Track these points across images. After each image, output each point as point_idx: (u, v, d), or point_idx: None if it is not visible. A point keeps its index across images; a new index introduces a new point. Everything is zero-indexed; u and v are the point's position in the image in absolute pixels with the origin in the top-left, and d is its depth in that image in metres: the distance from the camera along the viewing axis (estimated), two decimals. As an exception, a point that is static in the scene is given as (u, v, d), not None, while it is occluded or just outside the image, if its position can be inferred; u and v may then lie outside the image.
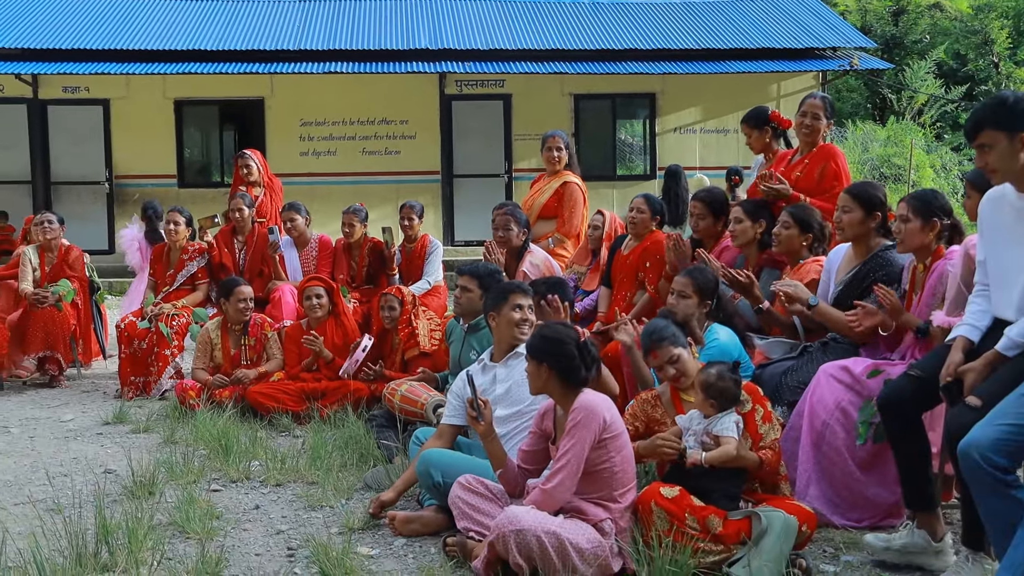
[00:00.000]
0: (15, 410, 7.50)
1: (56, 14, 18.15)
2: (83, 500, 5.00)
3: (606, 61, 16.86)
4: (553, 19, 18.60)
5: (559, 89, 17.48)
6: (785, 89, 17.80)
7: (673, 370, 4.46)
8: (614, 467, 4.06)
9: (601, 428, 4.01)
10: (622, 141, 20.45)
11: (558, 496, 3.98)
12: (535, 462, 4.33)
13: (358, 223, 8.24)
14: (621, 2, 21.16)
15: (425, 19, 18.32)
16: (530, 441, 4.36)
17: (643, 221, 6.50)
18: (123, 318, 8.09)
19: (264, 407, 6.76)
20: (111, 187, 17.05)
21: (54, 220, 8.63)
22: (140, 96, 16.99)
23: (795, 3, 20.04)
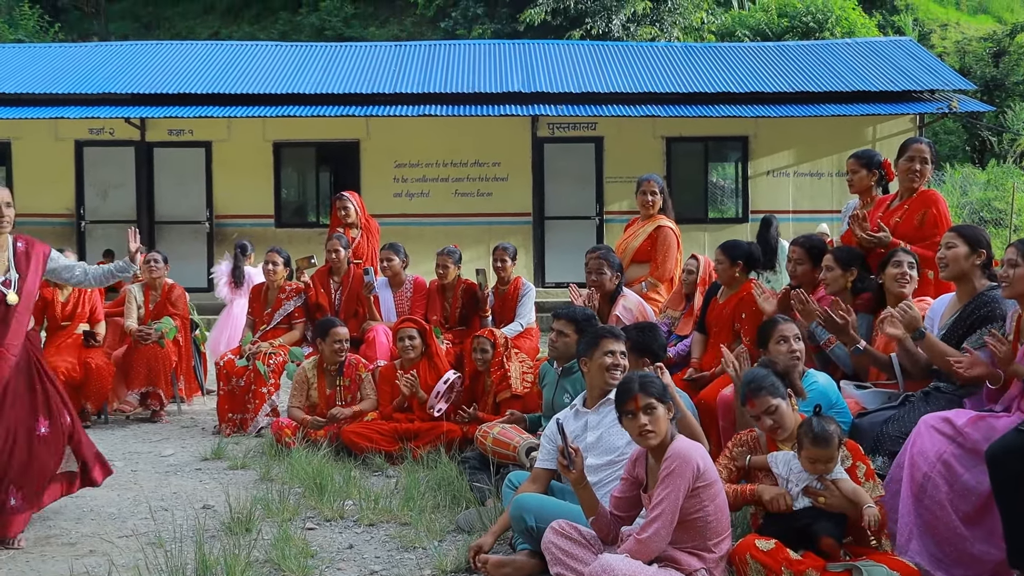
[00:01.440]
0: (119, 444, 7.71)
1: (163, 61, 18.82)
2: (183, 535, 5.12)
3: (698, 104, 16.84)
4: (645, 62, 18.67)
5: (651, 132, 17.49)
6: (881, 132, 17.55)
7: (771, 421, 4.41)
8: (708, 516, 4.02)
9: (695, 476, 3.98)
10: (714, 184, 20.36)
11: (653, 546, 3.96)
12: (627, 508, 4.30)
13: (452, 265, 8.33)
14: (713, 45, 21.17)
15: (518, 63, 18.53)
16: (622, 487, 4.34)
17: (723, 270, 6.46)
18: (222, 356, 8.29)
19: (358, 446, 6.83)
20: (211, 226, 17.51)
21: (159, 259, 8.90)
22: (241, 138, 17.47)
23: (891, 45, 19.81)
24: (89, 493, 6.16)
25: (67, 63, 18.87)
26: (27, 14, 31.23)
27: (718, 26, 28.53)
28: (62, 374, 8.08)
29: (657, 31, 26.62)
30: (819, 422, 4.21)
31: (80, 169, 17.58)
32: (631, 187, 8.02)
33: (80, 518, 5.70)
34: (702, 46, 21.25)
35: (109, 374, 8.32)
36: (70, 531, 5.46)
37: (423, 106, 16.69)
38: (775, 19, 28.74)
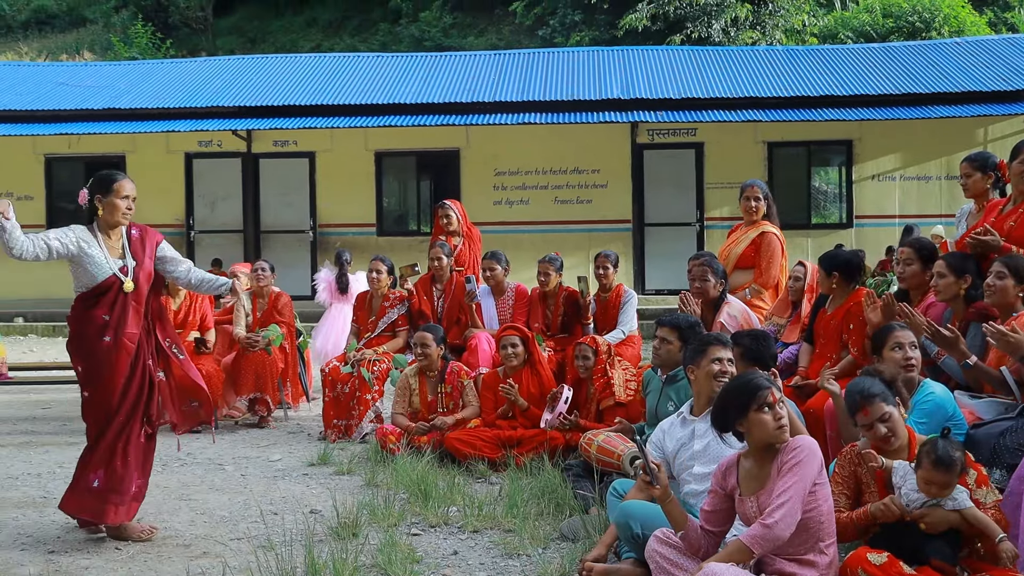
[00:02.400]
0: (228, 449, 7.89)
1: (268, 74, 19.28)
2: (292, 539, 5.20)
3: (801, 108, 16.56)
4: (746, 66, 18.46)
5: (752, 137, 17.28)
6: (992, 134, 17.06)
7: (884, 429, 4.30)
8: (820, 516, 3.95)
9: (817, 471, 3.93)
10: (817, 189, 20.02)
11: (779, 532, 3.85)
12: (719, 523, 4.22)
13: (554, 272, 8.33)
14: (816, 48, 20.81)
15: (617, 69, 18.49)
16: (712, 501, 4.24)
17: (821, 281, 6.33)
18: (327, 363, 8.42)
19: (461, 453, 6.88)
20: (315, 235, 17.84)
21: (267, 268, 9.08)
22: (343, 148, 17.78)
23: (1003, 44, 19.24)
24: (201, 496, 6.33)
25: (177, 78, 19.46)
26: (140, 32, 32.26)
27: (820, 28, 28.04)
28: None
29: (758, 35, 26.29)
30: (944, 445, 4.08)
31: (189, 180, 18.11)
32: (732, 193, 7.98)
33: (193, 520, 5.84)
34: (804, 49, 20.90)
35: (219, 380, 8.52)
36: (184, 533, 5.59)
37: (522, 114, 16.76)
38: (879, 20, 28.12)
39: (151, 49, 31.77)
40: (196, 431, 8.44)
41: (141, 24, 32.91)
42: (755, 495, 4.03)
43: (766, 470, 4.05)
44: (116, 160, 17.97)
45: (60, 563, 5.10)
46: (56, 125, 17.22)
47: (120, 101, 17.93)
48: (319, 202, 17.94)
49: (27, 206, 18.03)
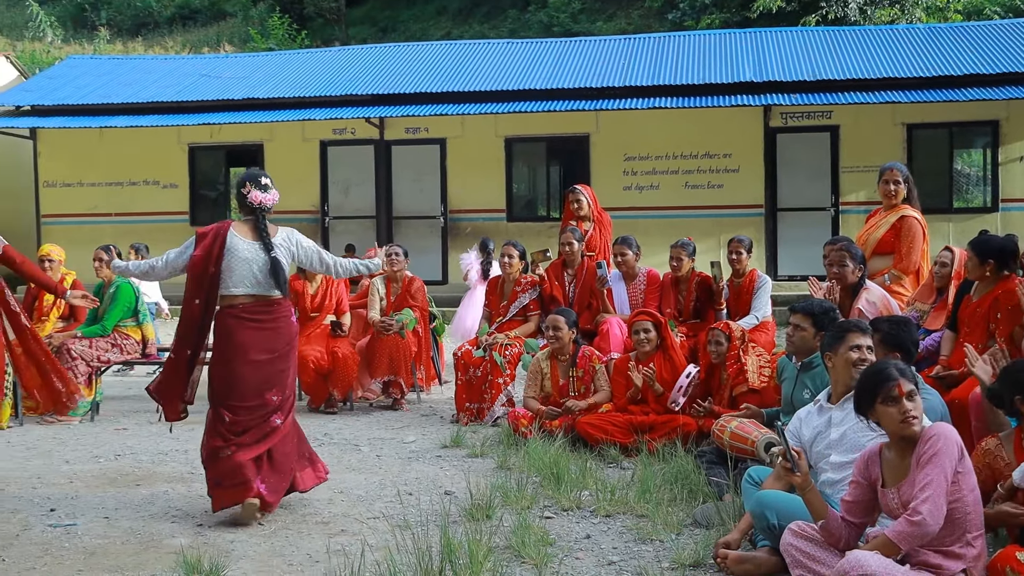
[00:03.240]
0: (364, 430, 8.07)
1: (400, 63, 19.55)
2: (427, 519, 5.30)
3: (943, 88, 15.96)
4: (884, 46, 17.88)
5: (890, 119, 16.73)
6: None
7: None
8: (966, 506, 3.83)
9: (957, 458, 3.81)
10: (959, 172, 19.30)
11: (928, 528, 3.75)
12: (860, 514, 4.12)
13: (686, 257, 8.26)
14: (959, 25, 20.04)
15: (749, 51, 18.16)
16: (854, 491, 4.15)
17: (972, 268, 6.08)
18: (460, 347, 8.53)
19: (593, 438, 6.89)
20: (445, 221, 18.04)
21: (401, 252, 9.24)
22: (474, 135, 17.90)
23: None
24: (339, 476, 6.49)
25: (313, 68, 19.91)
26: (276, 24, 33.08)
27: (964, 4, 26.95)
28: (312, 363, 8.55)
29: (897, 12, 25.45)
30: None
31: (324, 168, 18.51)
32: (868, 177, 7.77)
33: (331, 499, 6.00)
34: (947, 26, 20.15)
35: (354, 363, 8.72)
36: (322, 511, 5.75)
37: (653, 99, 16.60)
38: (1029, -7, 26.90)
39: (287, 40, 32.56)
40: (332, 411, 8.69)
41: (277, 16, 33.75)
42: (897, 487, 3.94)
43: (906, 461, 3.95)
44: (255, 148, 18.50)
45: (208, 536, 5.30)
46: (199, 115, 17.81)
47: (258, 91, 18.44)
48: (450, 188, 18.12)
49: (172, 194, 18.74)
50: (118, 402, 9.40)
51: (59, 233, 17.62)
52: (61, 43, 34.36)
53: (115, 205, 18.79)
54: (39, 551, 5.06)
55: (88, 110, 18.56)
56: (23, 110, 18.97)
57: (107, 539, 5.27)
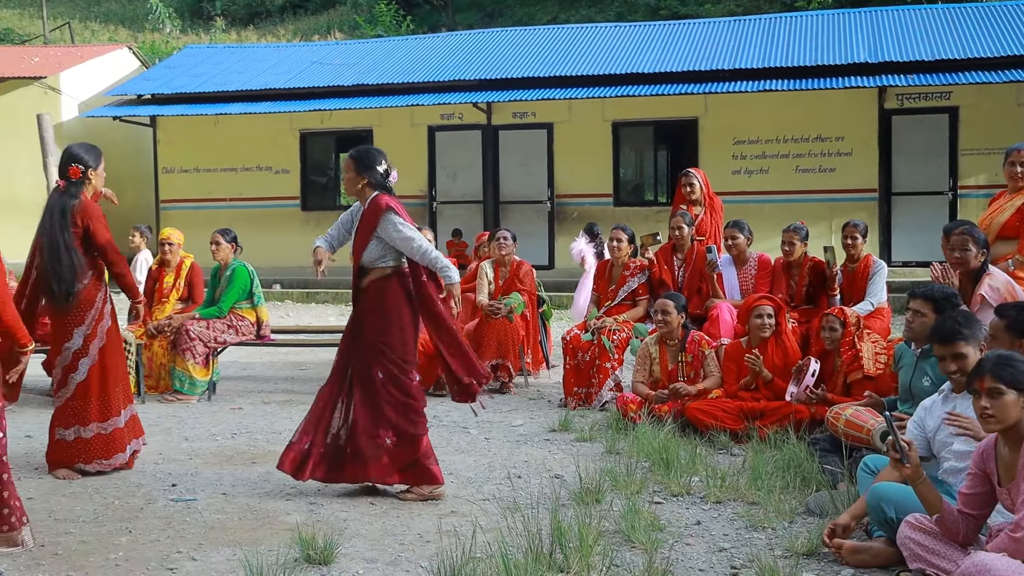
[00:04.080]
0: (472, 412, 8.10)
1: (506, 47, 19.58)
2: (536, 502, 5.31)
3: (1070, 66, 15.34)
4: (1009, 23, 17.23)
5: (1014, 99, 16.13)
6: None
7: None
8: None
9: None
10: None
11: None
12: (979, 506, 3.98)
13: (799, 241, 8.11)
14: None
15: (864, 31, 17.70)
16: (970, 483, 4.01)
17: None
18: (568, 331, 8.52)
19: (702, 423, 6.82)
20: (552, 205, 18.04)
21: (509, 236, 9.27)
22: (581, 119, 17.85)
23: None
24: (448, 457, 6.54)
25: (421, 54, 20.08)
26: (384, 11, 33.46)
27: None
28: (421, 345, 8.62)
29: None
30: None
31: (432, 153, 18.66)
32: (989, 160, 7.50)
33: (441, 480, 6.06)
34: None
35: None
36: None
37: (763, 81, 16.33)
38: None
39: (394, 27, 32.91)
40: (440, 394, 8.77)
41: (385, 3, 34.12)
42: (1008, 487, 3.81)
43: (1015, 459, 3.81)
44: (364, 134, 18.74)
45: (321, 513, 5.41)
46: (311, 102, 18.14)
47: (368, 77, 18.68)
48: (557, 172, 18.11)
49: (284, 179, 19.12)
50: (233, 382, 9.66)
51: (177, 217, 18.17)
52: (179, 33, 35.33)
53: (230, 190, 19.27)
54: (162, 524, 5.23)
55: (205, 98, 19.07)
56: (144, 99, 19.58)
57: (225, 514, 5.41)
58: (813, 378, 6.60)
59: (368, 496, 5.71)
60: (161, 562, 4.65)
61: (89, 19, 38.15)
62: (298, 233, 18.19)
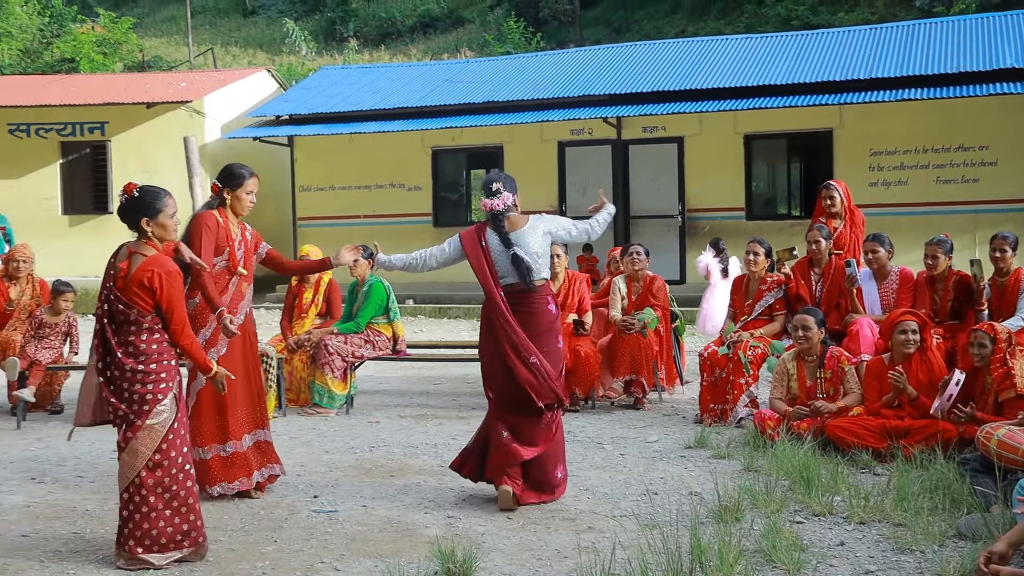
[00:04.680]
0: (606, 428, 8.10)
1: (636, 62, 19.54)
2: (674, 519, 5.26)
3: None
4: None
5: None
6: None
7: None
8: None
9: None
10: None
11: None
12: None
13: (943, 255, 7.85)
14: None
15: (1011, 35, 17.07)
16: None
17: None
18: (706, 347, 8.42)
19: (843, 442, 6.65)
20: (683, 220, 17.88)
21: (642, 251, 9.22)
22: (712, 132, 17.67)
23: None
24: (583, 473, 6.55)
25: (550, 70, 20.17)
26: (513, 28, 33.77)
27: None
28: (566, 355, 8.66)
29: None
30: None
31: (562, 168, 18.71)
32: None
33: (577, 496, 6.05)
34: None
35: (596, 362, 8.76)
36: (569, 507, 5.81)
37: (902, 90, 15.86)
38: None
39: (523, 44, 33.16)
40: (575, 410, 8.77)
41: (514, 20, 34.43)
42: None
43: None
44: (494, 150, 18.93)
45: (459, 527, 5.46)
46: (442, 119, 18.41)
47: (499, 94, 18.85)
48: (688, 187, 17.95)
49: (416, 196, 19.43)
50: (369, 396, 9.84)
51: (313, 235, 18.63)
52: (314, 55, 36.31)
53: (364, 207, 19.67)
54: (305, 534, 5.36)
55: (339, 117, 19.54)
56: (282, 119, 20.18)
57: (366, 526, 5.52)
58: (958, 387, 6.37)
59: (506, 511, 5.74)
60: (305, 571, 4.78)
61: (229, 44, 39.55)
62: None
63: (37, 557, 5.05)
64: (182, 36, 39.58)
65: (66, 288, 9.25)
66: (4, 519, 5.75)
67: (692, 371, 10.16)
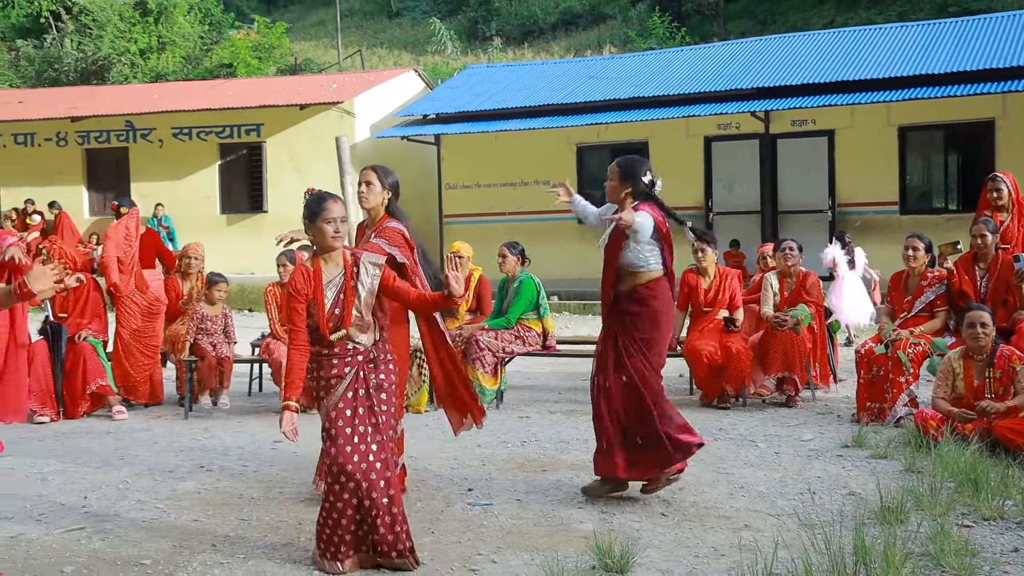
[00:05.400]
0: (759, 426, 7.98)
1: (784, 54, 19.19)
2: (834, 519, 5.14)
3: None
4: None
5: None
6: None
7: None
8: None
9: None
10: None
11: None
12: None
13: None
14: None
15: None
16: None
17: None
18: (863, 344, 8.20)
19: (1014, 444, 6.38)
20: (833, 214, 17.46)
21: (795, 247, 9.04)
22: (864, 124, 17.20)
23: None
24: (737, 471, 6.47)
25: (695, 64, 19.98)
26: (656, 23, 33.50)
27: None
28: (705, 357, 8.59)
29: None
30: None
31: (708, 163, 18.50)
32: None
33: (732, 493, 5.98)
34: None
35: (747, 358, 8.64)
36: (723, 505, 5.75)
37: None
38: None
39: (666, 39, 32.86)
40: (725, 407, 8.67)
41: (657, 15, 34.15)
42: None
43: None
44: (639, 146, 18.82)
45: (613, 522, 5.47)
46: (586, 116, 18.42)
47: (643, 90, 18.76)
48: (838, 181, 17.51)
49: (561, 193, 19.43)
50: (518, 391, 9.92)
51: (459, 232, 18.87)
52: (459, 55, 36.76)
53: (509, 204, 19.84)
54: (461, 527, 5.44)
55: (485, 115, 19.75)
56: (429, 118, 20.51)
57: (521, 520, 5.57)
58: None
59: (661, 507, 5.71)
60: (464, 563, 4.85)
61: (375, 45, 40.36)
62: (575, 245, 18.46)
63: (209, 541, 5.26)
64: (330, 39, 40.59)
65: (219, 279, 9.58)
66: (178, 504, 6.01)
67: (845, 369, 9.92)
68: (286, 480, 6.54)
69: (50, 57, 32.70)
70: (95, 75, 31.39)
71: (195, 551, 5.10)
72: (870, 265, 11.09)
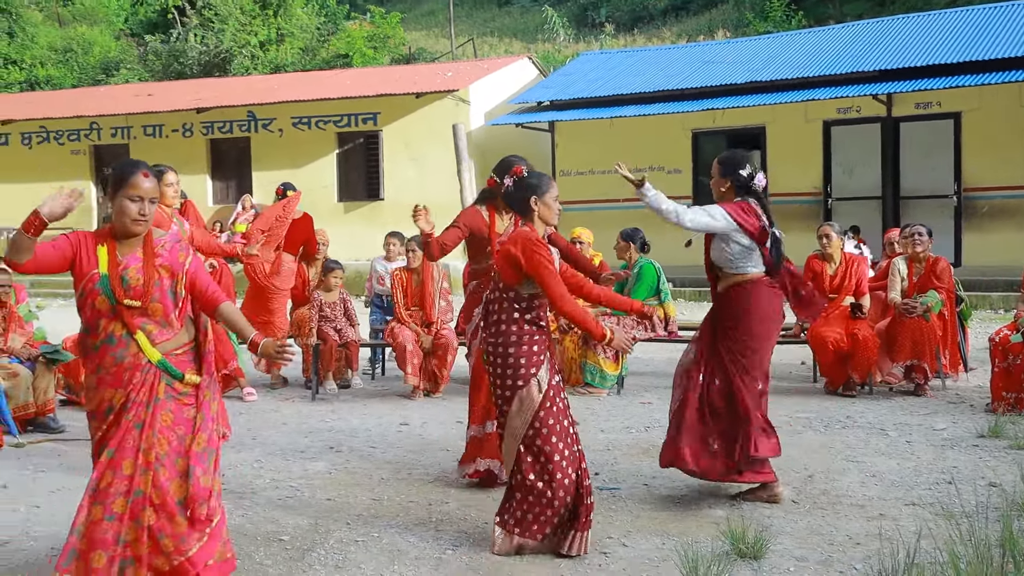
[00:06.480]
0: (887, 414, 7.82)
1: (908, 35, 18.68)
2: (974, 510, 5.03)
3: None
4: None
5: None
6: None
7: None
8: None
9: None
10: None
11: None
12: None
13: None
14: None
15: None
16: None
17: None
18: (997, 331, 7.97)
19: None
20: (959, 200, 16.95)
21: (924, 232, 8.80)
22: (993, 106, 16.64)
23: None
24: (868, 459, 6.37)
25: (814, 47, 19.58)
26: (775, 6, 32.91)
27: None
28: (831, 344, 8.45)
29: None
30: None
31: (827, 148, 18.13)
32: None
33: (864, 482, 5.89)
34: None
35: (874, 346, 8.48)
36: (855, 493, 5.67)
37: None
38: None
39: (784, 21, 32.25)
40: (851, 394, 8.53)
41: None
42: None
43: None
44: (756, 132, 18.54)
45: (744, 509, 5.44)
46: (702, 101, 18.20)
47: (760, 74, 18.46)
48: (965, 165, 16.98)
49: (675, 179, 19.31)
50: (639, 377, 9.90)
51: (574, 219, 18.80)
52: (570, 42, 36.67)
53: (622, 191, 19.61)
54: (591, 510, 5.48)
55: (599, 102, 19.68)
56: (543, 105, 20.53)
57: (649, 504, 5.58)
58: None
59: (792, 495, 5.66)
60: (594, 546, 4.88)
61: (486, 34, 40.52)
62: (689, 232, 18.28)
63: (343, 519, 5.40)
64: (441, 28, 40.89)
65: (336, 265, 9.78)
66: (311, 483, 6.18)
67: (976, 358, 9.65)
68: (414, 462, 6.66)
69: (175, 51, 33.70)
70: (217, 67, 32.25)
71: (331, 529, 5.24)
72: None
